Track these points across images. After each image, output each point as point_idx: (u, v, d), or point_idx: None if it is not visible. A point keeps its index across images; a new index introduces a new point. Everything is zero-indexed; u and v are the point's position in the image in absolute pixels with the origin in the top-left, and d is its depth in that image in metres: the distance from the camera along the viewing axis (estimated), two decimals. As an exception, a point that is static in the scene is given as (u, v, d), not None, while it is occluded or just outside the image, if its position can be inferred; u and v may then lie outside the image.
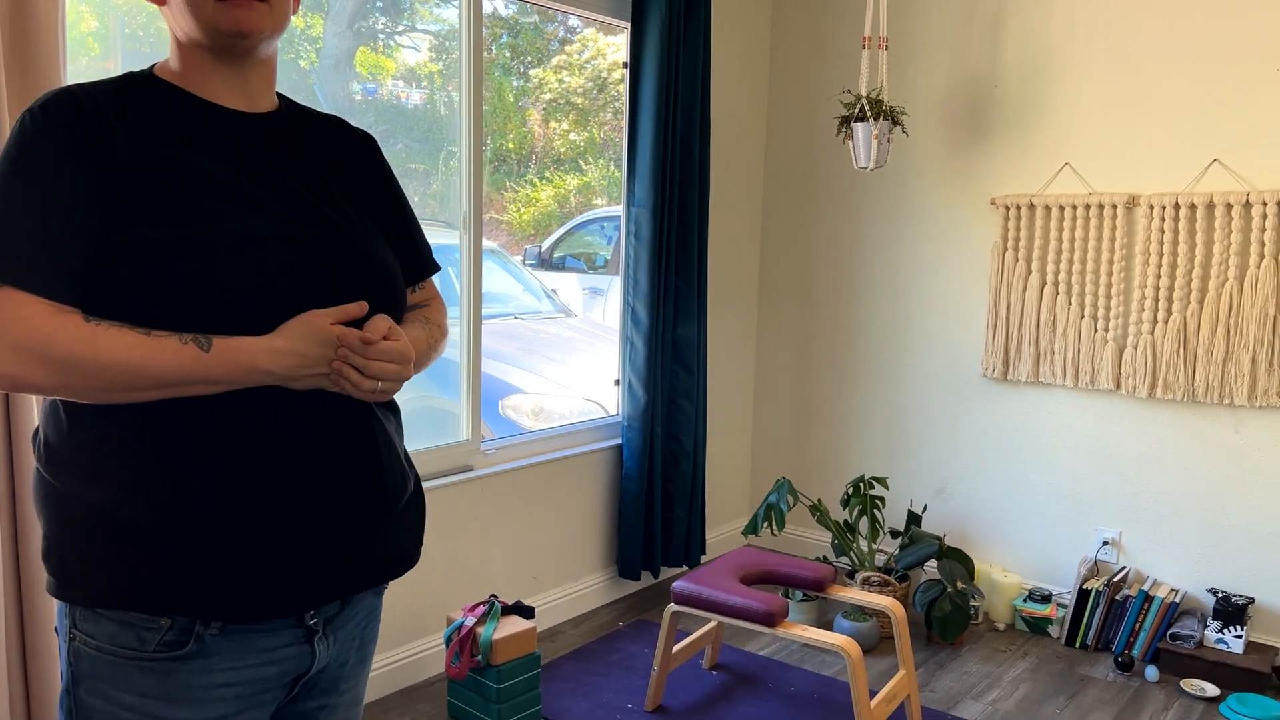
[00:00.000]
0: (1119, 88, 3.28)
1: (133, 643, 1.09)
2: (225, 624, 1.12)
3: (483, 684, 2.63)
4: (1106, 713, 2.88)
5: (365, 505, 1.18)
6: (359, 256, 1.20)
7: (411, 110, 3.21)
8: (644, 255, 3.48)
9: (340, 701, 1.30)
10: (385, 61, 3.24)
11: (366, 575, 1.21)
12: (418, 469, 2.97)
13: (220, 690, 1.13)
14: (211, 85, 1.17)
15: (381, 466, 1.20)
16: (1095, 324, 3.36)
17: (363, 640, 1.31)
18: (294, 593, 1.14)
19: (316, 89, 3.08)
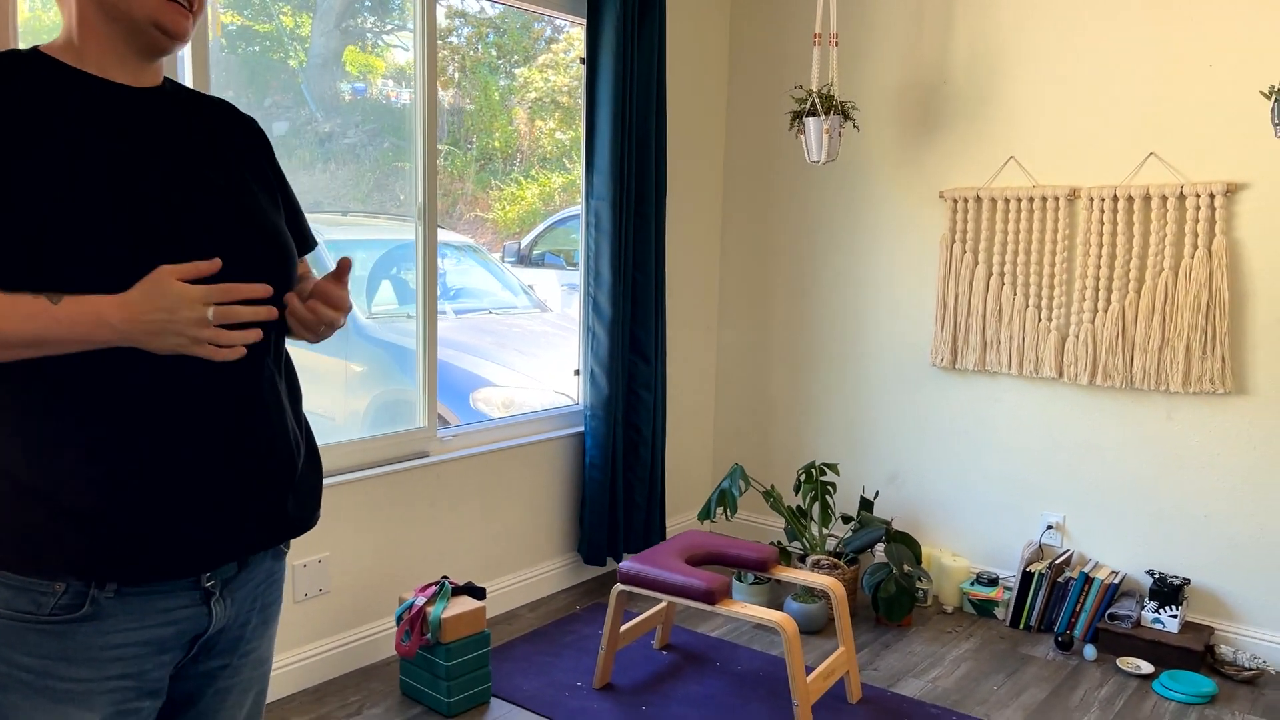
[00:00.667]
0: (1061, 84, 3.36)
1: (28, 607, 1.12)
2: (120, 587, 1.15)
3: (432, 662, 2.70)
4: (1043, 689, 2.97)
5: (259, 467, 1.23)
6: (254, 225, 1.25)
7: (400, 109, 3.26)
8: (604, 247, 3.55)
9: (244, 662, 1.34)
10: (374, 61, 3.29)
11: (262, 537, 1.26)
12: (373, 456, 3.04)
13: (118, 650, 1.16)
14: (110, 68, 1.19)
15: (273, 429, 1.25)
16: (1039, 313, 3.45)
17: (264, 603, 1.35)
18: (188, 556, 1.17)
19: (304, 88, 3.11)
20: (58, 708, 1.14)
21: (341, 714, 2.71)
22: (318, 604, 2.87)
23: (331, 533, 2.89)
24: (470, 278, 4.00)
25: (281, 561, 1.38)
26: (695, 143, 4.08)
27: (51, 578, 1.11)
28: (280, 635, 2.79)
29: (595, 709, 2.75)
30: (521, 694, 2.83)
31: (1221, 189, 3.06)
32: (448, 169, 3.53)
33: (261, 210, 1.28)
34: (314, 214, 3.08)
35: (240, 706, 1.37)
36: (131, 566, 1.14)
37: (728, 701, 2.82)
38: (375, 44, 3.26)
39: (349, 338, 3.49)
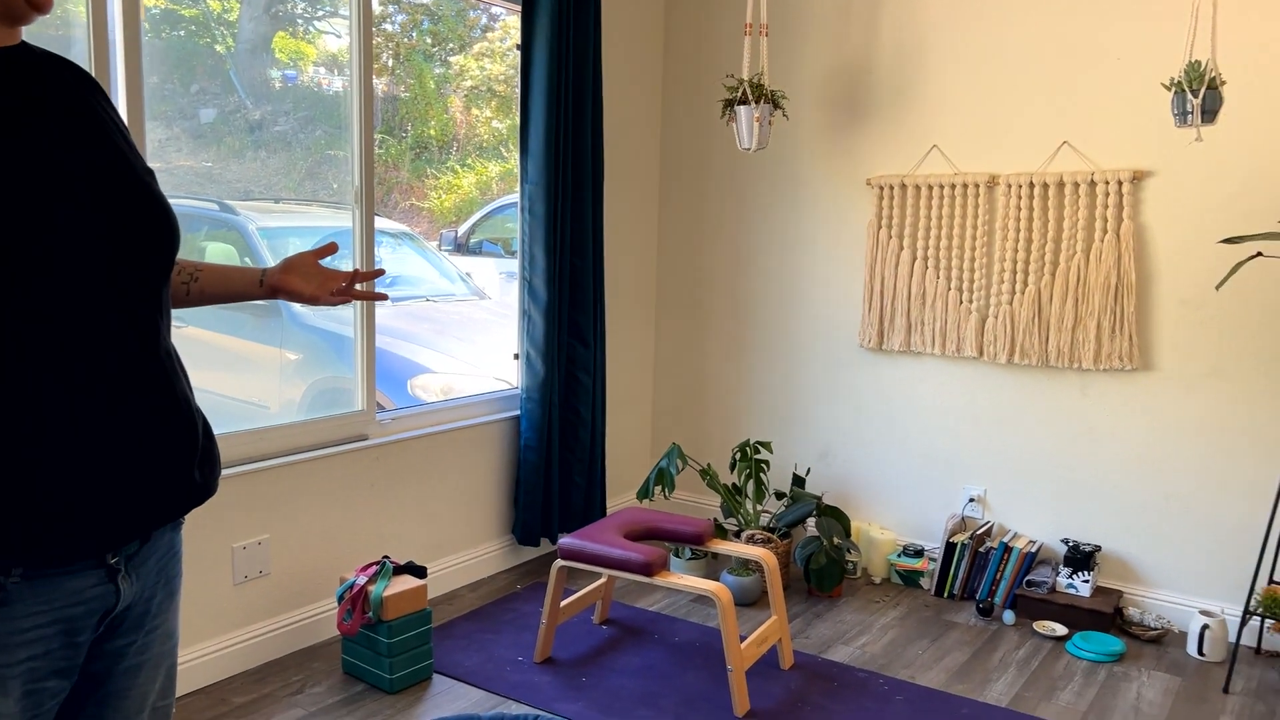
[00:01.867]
0: (980, 76, 3.51)
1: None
2: (26, 571, 1.14)
3: (374, 639, 2.73)
4: (965, 653, 3.12)
5: (160, 440, 1.24)
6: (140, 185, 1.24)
7: (333, 97, 3.24)
8: (539, 232, 3.60)
9: (152, 638, 1.34)
10: (306, 48, 3.25)
11: (167, 509, 1.26)
12: (312, 438, 3.05)
13: (29, 634, 1.16)
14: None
15: (173, 399, 1.26)
16: (960, 296, 3.60)
17: (167, 576, 1.35)
18: (93, 535, 1.17)
19: (233, 74, 3.06)
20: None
21: (283, 693, 2.73)
22: (258, 586, 2.88)
23: (271, 515, 2.90)
24: (407, 265, 4.01)
25: (179, 534, 1.39)
26: (631, 130, 4.15)
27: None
28: (219, 618, 2.80)
29: (536, 682, 2.82)
30: (463, 670, 2.88)
31: (1129, 176, 3.23)
32: (382, 157, 3.53)
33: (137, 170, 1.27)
34: (245, 201, 3.07)
35: (153, 681, 1.37)
36: (36, 550, 1.13)
37: (665, 670, 2.91)
38: (306, 30, 3.24)
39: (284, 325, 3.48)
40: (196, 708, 2.64)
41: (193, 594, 2.73)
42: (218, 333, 3.05)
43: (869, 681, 2.88)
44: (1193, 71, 2.80)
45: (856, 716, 2.66)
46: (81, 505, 1.16)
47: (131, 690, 1.35)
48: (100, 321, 1.19)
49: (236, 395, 3.01)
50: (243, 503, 2.82)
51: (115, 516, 1.20)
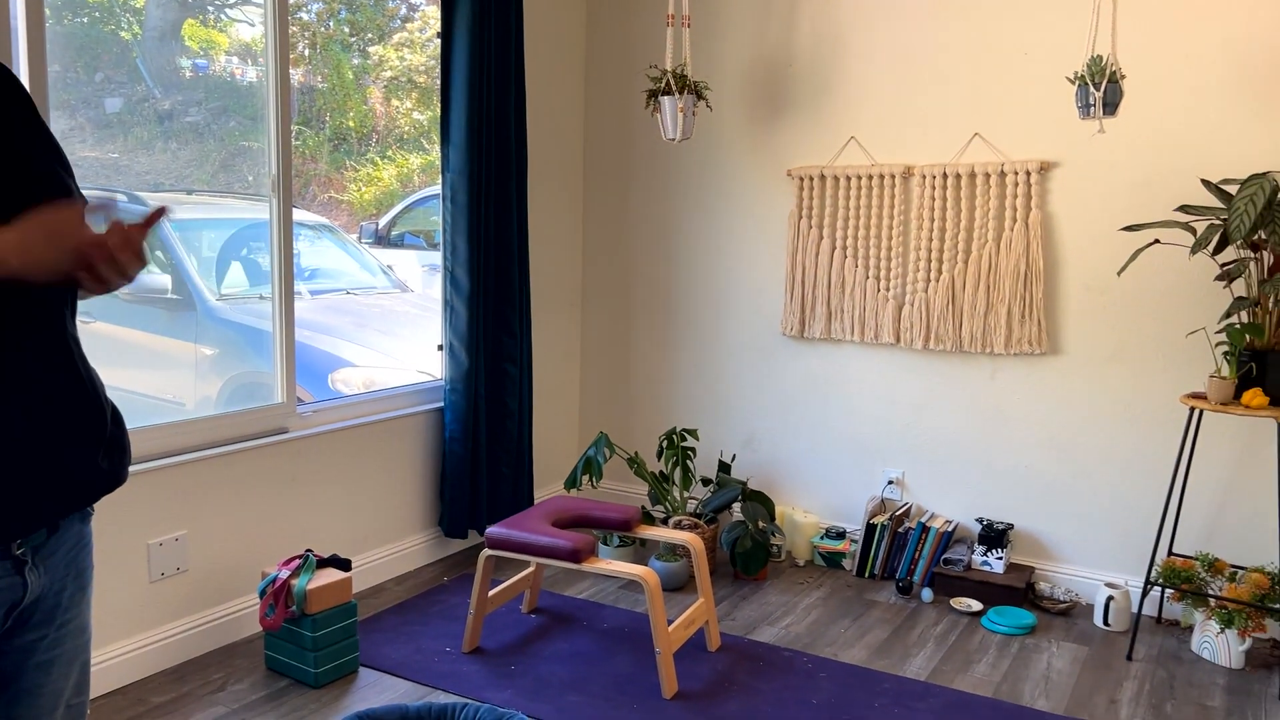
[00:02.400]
0: (897, 69, 3.60)
1: None
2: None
3: (298, 634, 2.69)
4: (885, 630, 3.21)
5: (67, 427, 1.22)
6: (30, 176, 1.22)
7: (246, 87, 3.15)
8: (461, 221, 3.58)
9: (64, 633, 1.32)
10: (217, 36, 3.16)
11: (71, 498, 1.24)
12: (230, 432, 2.99)
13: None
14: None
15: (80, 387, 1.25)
16: (878, 284, 3.69)
17: (78, 569, 1.33)
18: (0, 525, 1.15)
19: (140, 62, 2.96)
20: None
21: (204, 692, 2.67)
22: (175, 583, 2.82)
23: (188, 510, 2.83)
24: (326, 258, 3.94)
25: (89, 525, 1.36)
26: (556, 119, 4.14)
27: None
28: (135, 616, 2.73)
29: (464, 671, 2.81)
30: (390, 662, 2.86)
31: (1036, 167, 3.35)
32: (300, 149, 3.46)
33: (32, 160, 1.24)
34: (156, 194, 2.99)
35: (66, 678, 1.35)
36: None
37: (594, 656, 2.93)
38: (218, 18, 3.16)
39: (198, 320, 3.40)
40: (113, 708, 2.57)
41: (107, 592, 2.65)
42: (129, 328, 2.96)
43: (794, 660, 2.94)
44: (1094, 66, 2.92)
45: (781, 695, 2.72)
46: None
47: (44, 687, 1.32)
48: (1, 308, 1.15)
49: (149, 392, 2.93)
50: (158, 498, 2.75)
51: (19, 505, 1.17)
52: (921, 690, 2.77)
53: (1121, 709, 2.71)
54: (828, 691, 2.75)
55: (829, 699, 2.70)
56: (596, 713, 2.59)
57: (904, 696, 2.73)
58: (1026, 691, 2.80)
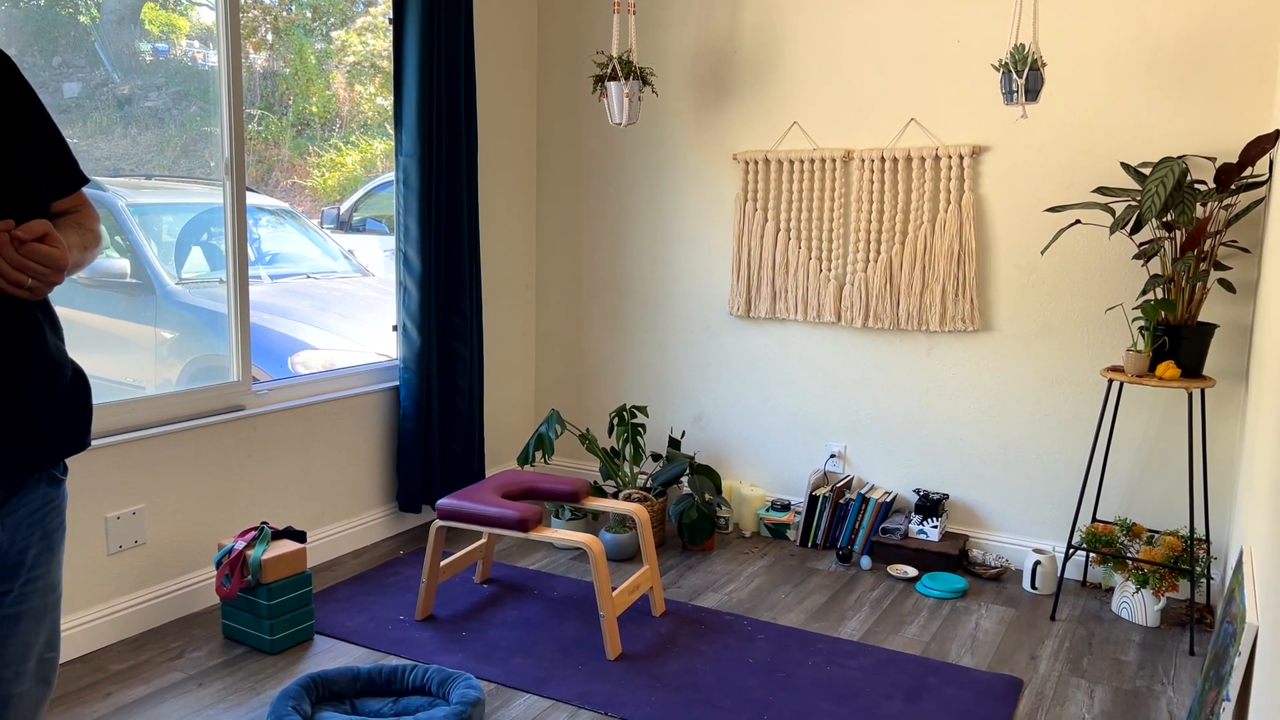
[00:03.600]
0: (837, 56, 3.72)
1: None
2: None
3: (254, 602, 2.78)
4: (824, 595, 3.35)
5: (25, 392, 1.30)
6: None
7: (207, 72, 3.18)
8: (413, 202, 3.66)
9: (31, 589, 1.40)
10: (177, 20, 3.17)
11: (30, 460, 1.32)
12: (186, 409, 3.06)
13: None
14: None
15: (36, 354, 1.32)
16: (820, 264, 3.82)
17: (45, 530, 1.41)
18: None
19: (98, 46, 2.96)
20: None
21: (162, 659, 2.76)
22: (133, 555, 2.90)
23: (145, 485, 2.91)
24: (286, 243, 4.00)
25: (60, 489, 1.44)
26: (507, 105, 4.23)
27: None
28: (94, 587, 2.80)
29: (416, 638, 2.92)
30: (344, 629, 2.96)
31: (969, 151, 3.50)
32: (262, 134, 3.51)
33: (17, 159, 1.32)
34: (115, 179, 3.04)
35: (35, 633, 1.43)
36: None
37: (542, 622, 3.04)
38: (178, 2, 3.19)
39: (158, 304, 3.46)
40: (73, 675, 2.65)
41: (66, 565, 2.73)
42: (88, 312, 3.02)
43: (734, 624, 3.07)
44: (1017, 54, 3.06)
45: (720, 655, 2.85)
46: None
47: (12, 639, 1.40)
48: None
49: (109, 376, 2.99)
50: (115, 473, 2.83)
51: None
52: (854, 649, 2.92)
53: (1041, 664, 2.87)
54: (765, 651, 2.88)
55: (765, 658, 2.84)
56: (542, 673, 2.71)
57: (837, 655, 2.87)
58: (953, 650, 2.95)
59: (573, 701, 2.57)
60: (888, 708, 2.58)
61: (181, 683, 2.64)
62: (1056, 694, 2.69)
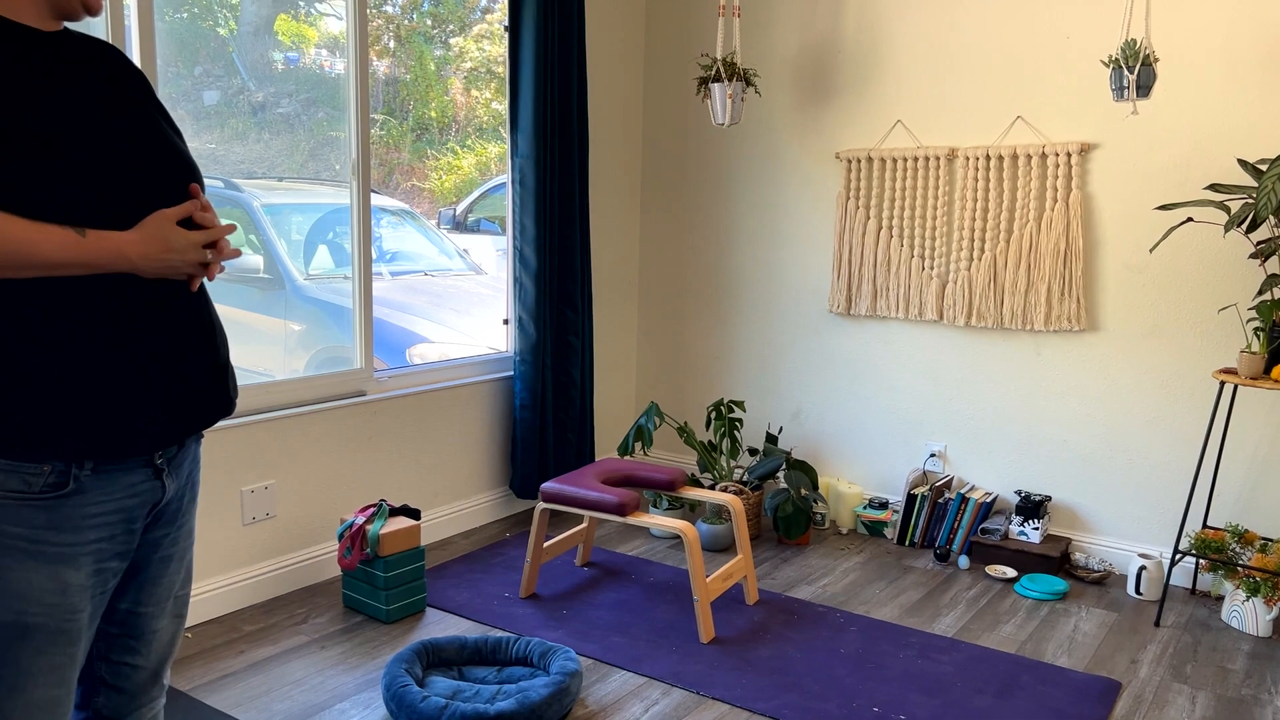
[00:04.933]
0: (941, 53, 3.72)
1: (19, 486, 1.34)
2: (95, 465, 1.40)
3: (372, 574, 2.99)
4: (919, 592, 3.36)
5: (201, 366, 1.50)
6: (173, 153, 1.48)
7: (334, 79, 3.39)
8: (529, 201, 3.83)
9: (180, 533, 1.61)
10: (307, 30, 3.38)
11: (198, 420, 1.52)
12: (314, 394, 3.30)
13: (95, 519, 1.41)
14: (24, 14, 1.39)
15: (211, 331, 1.52)
16: (923, 263, 3.82)
17: (192, 481, 1.61)
18: (146, 438, 1.43)
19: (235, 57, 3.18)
20: (50, 568, 1.39)
21: (289, 624, 2.99)
22: (265, 527, 3.14)
23: (276, 462, 3.15)
24: (406, 242, 4.23)
25: (200, 446, 1.65)
26: (615, 107, 4.37)
27: (40, 461, 1.34)
28: (229, 555, 3.06)
29: (520, 613, 3.07)
30: (454, 603, 3.14)
31: (1077, 148, 3.45)
32: (384, 139, 3.72)
33: (175, 144, 1.51)
34: (250, 181, 3.29)
35: (178, 573, 1.64)
36: (103, 449, 1.38)
37: (638, 604, 3.16)
38: (308, 13, 3.40)
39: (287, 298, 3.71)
40: (210, 634, 2.91)
41: (205, 533, 2.99)
42: (225, 305, 3.28)
43: (827, 615, 3.13)
44: (1128, 49, 3.02)
45: (812, 643, 2.91)
46: (137, 413, 1.41)
47: (163, 578, 1.61)
48: None
49: (243, 365, 3.24)
50: (250, 450, 3.07)
51: (162, 423, 1.45)
52: (947, 644, 2.93)
53: (1142, 668, 2.83)
54: (856, 642, 2.93)
55: (856, 649, 2.89)
56: (637, 651, 2.83)
57: (928, 649, 2.90)
58: (1049, 650, 2.93)
59: (665, 679, 2.67)
60: (978, 702, 2.59)
61: (305, 645, 2.85)
62: (1156, 698, 2.65)
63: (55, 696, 1.43)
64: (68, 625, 1.41)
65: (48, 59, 1.39)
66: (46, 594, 1.38)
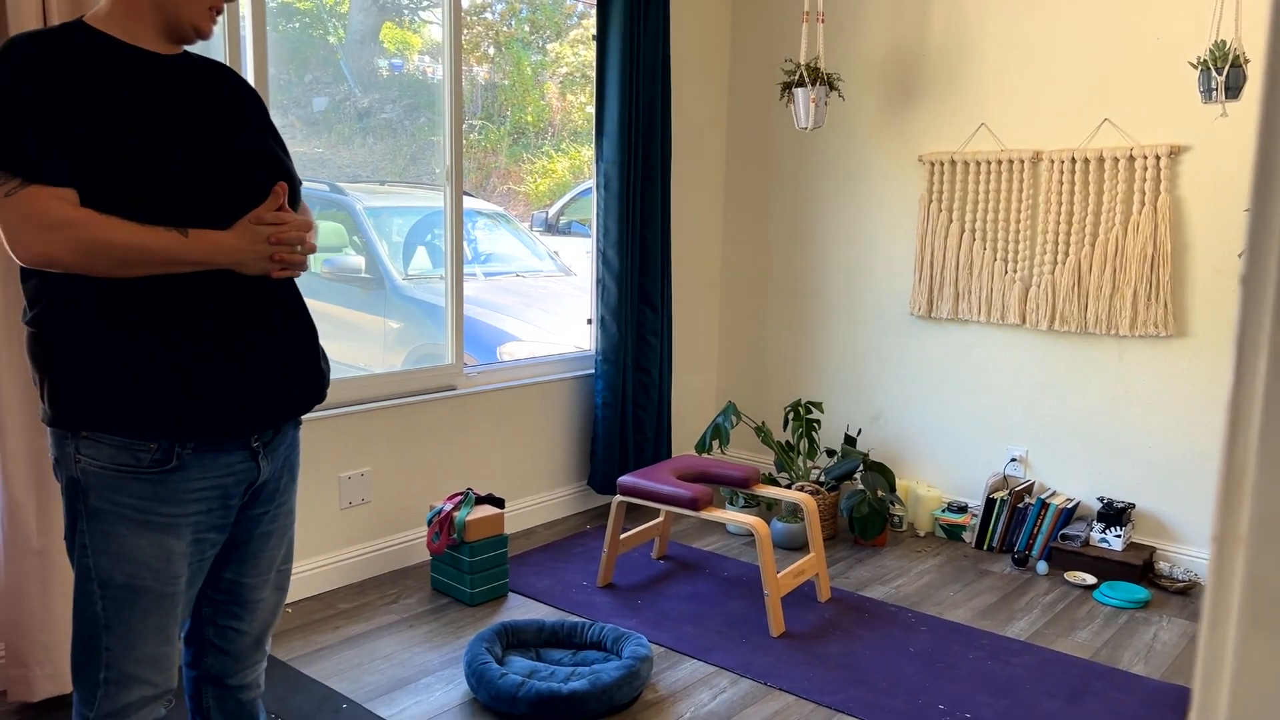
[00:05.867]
0: (1025, 57, 3.70)
1: (130, 461, 1.51)
2: (197, 446, 1.56)
3: (458, 559, 3.15)
4: (994, 595, 3.36)
5: (294, 359, 1.64)
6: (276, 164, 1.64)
7: (435, 85, 3.53)
8: (613, 205, 3.95)
9: (279, 511, 1.76)
10: (410, 37, 3.54)
11: (292, 407, 1.67)
12: (407, 387, 3.49)
13: (195, 494, 1.57)
14: (144, 41, 1.55)
15: (305, 325, 1.67)
16: (1005, 266, 3.81)
17: (290, 464, 1.76)
18: (241, 424, 1.58)
19: (343, 64, 3.35)
20: (155, 536, 1.56)
21: (381, 603, 3.18)
22: (360, 511, 3.34)
23: (372, 451, 3.35)
24: (500, 244, 4.40)
25: (299, 432, 1.80)
26: (700, 113, 4.46)
27: (147, 439, 1.51)
28: (327, 537, 3.26)
29: (597, 601, 3.19)
30: (535, 589, 3.28)
31: (1166, 151, 3.40)
32: (481, 143, 3.88)
33: (279, 156, 1.67)
34: (354, 184, 3.48)
35: (278, 549, 1.79)
36: (202, 432, 1.54)
37: (712, 597, 3.25)
38: (412, 20, 3.55)
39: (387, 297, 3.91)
40: (308, 610, 3.11)
41: (305, 515, 3.20)
42: (328, 303, 3.49)
43: (898, 615, 3.16)
44: (1217, 51, 2.97)
45: (882, 641, 2.96)
46: (234, 402, 1.57)
47: (264, 553, 1.77)
48: None
49: (344, 360, 3.45)
50: (348, 439, 3.27)
51: (258, 409, 1.61)
52: (1019, 648, 2.93)
53: (1222, 680, 2.78)
54: (926, 642, 2.96)
55: (926, 648, 2.92)
56: (708, 642, 2.91)
57: (1000, 652, 2.91)
58: (1125, 658, 2.91)
59: (734, 670, 2.75)
60: (1047, 705, 2.60)
61: (396, 623, 3.03)
62: (1233, 709, 2.61)
63: (162, 652, 1.60)
64: (170, 590, 1.58)
65: (166, 81, 1.56)
66: (153, 559, 1.55)
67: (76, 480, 1.52)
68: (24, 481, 2.31)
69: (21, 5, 2.22)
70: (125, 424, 1.50)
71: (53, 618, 2.36)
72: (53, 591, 2.36)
